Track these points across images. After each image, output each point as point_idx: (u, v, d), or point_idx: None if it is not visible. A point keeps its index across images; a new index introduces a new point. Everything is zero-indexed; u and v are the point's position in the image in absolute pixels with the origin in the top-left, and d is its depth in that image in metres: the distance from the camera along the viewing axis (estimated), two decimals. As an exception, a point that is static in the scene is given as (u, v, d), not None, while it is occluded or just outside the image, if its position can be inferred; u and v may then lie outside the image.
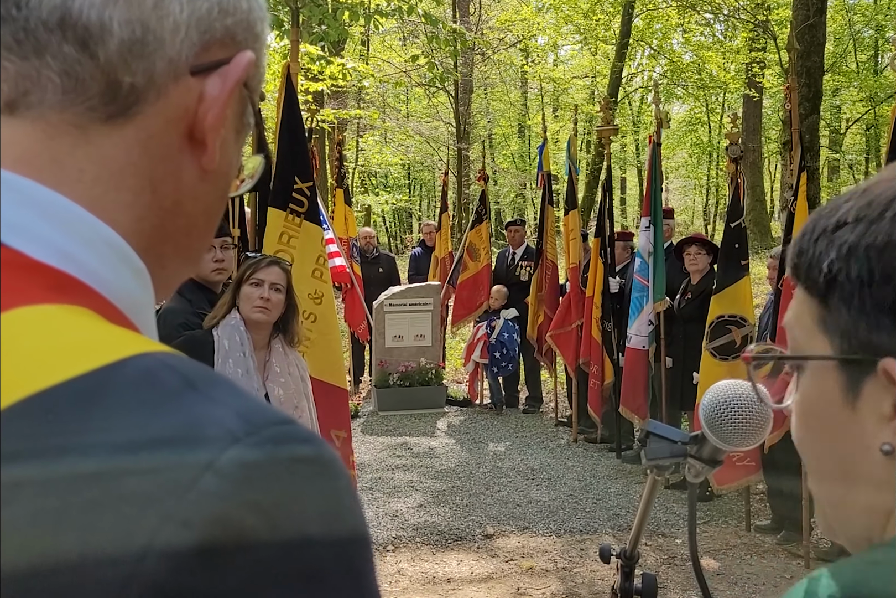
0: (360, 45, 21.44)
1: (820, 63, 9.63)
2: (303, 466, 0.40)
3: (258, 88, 0.56)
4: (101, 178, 0.48)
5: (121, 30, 0.46)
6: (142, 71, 0.48)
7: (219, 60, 0.51)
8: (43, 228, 0.45)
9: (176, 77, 0.49)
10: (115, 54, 0.47)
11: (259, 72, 0.56)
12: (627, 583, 1.34)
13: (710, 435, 1.00)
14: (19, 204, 0.45)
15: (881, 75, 19.76)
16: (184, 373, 0.41)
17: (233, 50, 0.52)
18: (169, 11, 0.48)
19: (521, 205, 28.35)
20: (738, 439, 1.01)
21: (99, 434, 0.37)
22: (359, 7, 7.91)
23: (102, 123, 0.48)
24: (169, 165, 0.50)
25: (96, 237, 0.48)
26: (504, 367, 8.06)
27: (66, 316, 0.43)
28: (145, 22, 0.47)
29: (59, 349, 0.40)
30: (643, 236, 6.17)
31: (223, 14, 0.51)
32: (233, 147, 0.55)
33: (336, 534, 0.40)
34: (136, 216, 0.50)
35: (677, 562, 4.74)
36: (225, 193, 0.56)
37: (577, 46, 23.77)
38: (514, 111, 27.71)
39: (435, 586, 4.41)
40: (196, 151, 0.51)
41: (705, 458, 1.05)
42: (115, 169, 0.48)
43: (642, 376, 6.14)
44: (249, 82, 0.54)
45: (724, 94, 23.06)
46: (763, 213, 19.57)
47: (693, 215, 30.00)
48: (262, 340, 3.03)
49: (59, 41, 0.46)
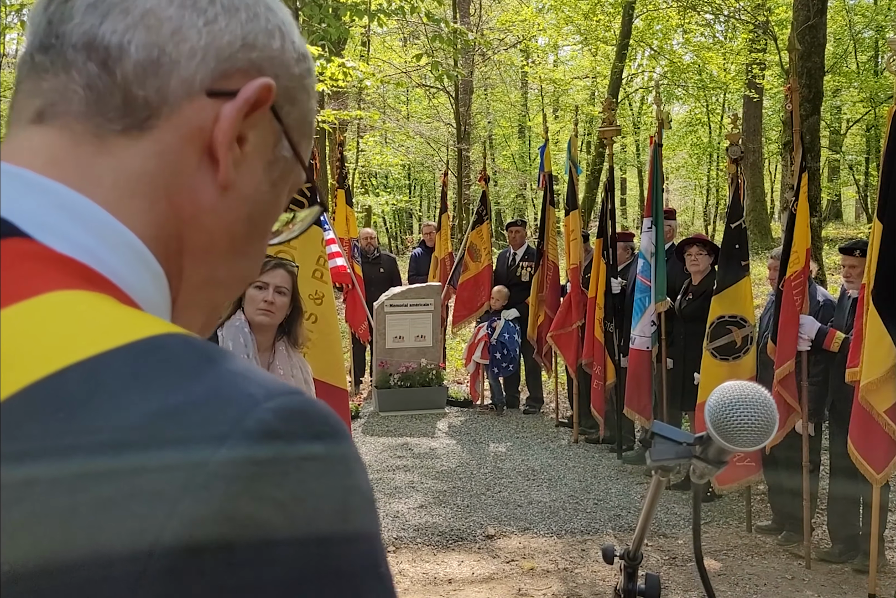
0: (361, 46, 21.45)
1: (821, 64, 9.62)
2: (318, 431, 0.43)
3: (298, 127, 0.60)
4: (118, 184, 0.52)
5: (137, 52, 0.52)
6: (155, 88, 0.53)
7: (235, 89, 0.55)
8: (68, 226, 0.49)
9: (189, 96, 0.54)
10: (131, 72, 0.52)
11: (297, 111, 0.60)
12: (631, 584, 1.34)
13: (716, 436, 1.00)
14: (48, 204, 0.50)
15: (881, 76, 19.74)
16: (204, 349, 0.45)
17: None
18: (186, 38, 0.53)
19: (521, 205, 28.36)
20: (744, 441, 1.01)
21: (131, 402, 0.40)
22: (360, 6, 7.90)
23: (120, 133, 0.53)
24: (186, 179, 0.54)
25: (118, 239, 0.51)
26: (505, 367, 8.06)
27: (94, 300, 0.46)
28: (162, 46, 0.53)
29: (91, 327, 0.44)
30: (645, 237, 6.17)
31: (247, 48, 0.56)
32: (261, 176, 0.58)
33: (352, 504, 0.43)
34: (151, 223, 0.53)
35: (678, 562, 4.74)
36: (251, 220, 0.59)
37: (578, 47, 23.79)
38: (514, 112, 27.72)
39: (436, 586, 4.41)
40: (214, 168, 0.55)
41: (710, 459, 1.05)
42: (131, 177, 0.53)
43: (646, 377, 6.14)
44: (284, 117, 0.58)
45: (725, 94, 23.07)
46: (763, 213, 19.57)
47: (693, 216, 30.01)
48: (266, 342, 3.03)
49: (84, 60, 0.52)
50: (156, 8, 0.53)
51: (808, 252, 4.68)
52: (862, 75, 20.37)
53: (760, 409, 0.99)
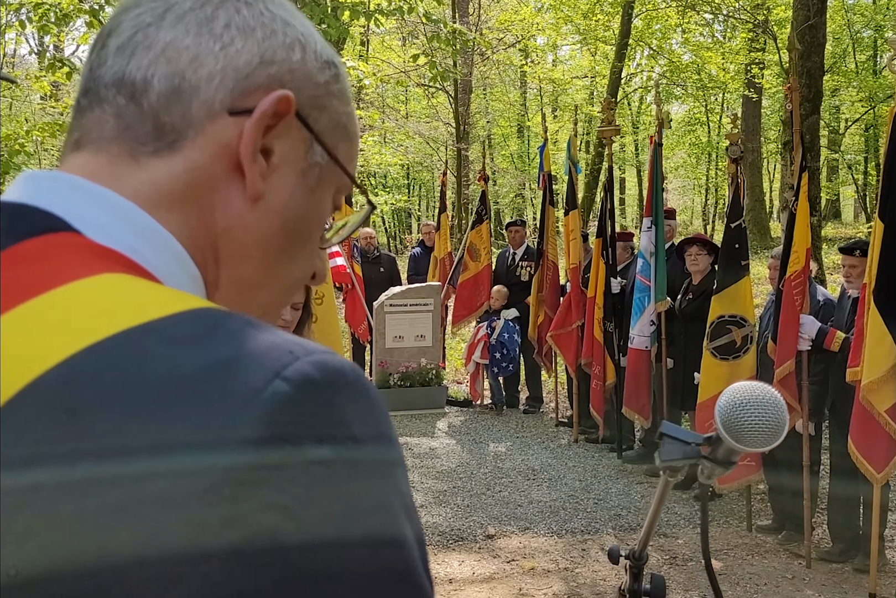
0: (360, 46, 21.43)
1: (820, 63, 9.63)
2: (349, 384, 0.46)
3: (331, 132, 0.62)
4: (153, 197, 0.56)
5: (160, 83, 0.57)
6: (179, 113, 0.57)
7: (256, 106, 0.58)
8: (113, 225, 0.54)
9: (211, 117, 0.57)
10: (157, 102, 0.57)
11: (326, 117, 0.62)
12: (636, 584, 1.34)
13: (726, 437, 1.00)
14: (94, 205, 0.55)
15: (880, 75, 19.76)
16: (247, 317, 0.49)
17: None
18: (204, 64, 0.57)
19: (520, 205, 28.35)
20: (755, 441, 1.01)
21: (176, 360, 0.44)
22: (359, 6, 7.90)
23: (151, 154, 0.57)
24: (216, 194, 0.58)
25: (159, 240, 0.55)
26: (504, 367, 8.06)
27: (138, 281, 0.51)
28: (182, 73, 0.57)
29: (137, 300, 0.48)
30: (645, 237, 6.18)
31: (265, 65, 0.58)
32: (294, 185, 0.61)
33: (381, 447, 0.46)
34: (185, 233, 0.57)
35: (679, 562, 4.74)
36: (287, 228, 0.61)
37: (577, 47, 23.79)
38: (513, 111, 27.70)
39: (437, 586, 4.41)
40: (243, 182, 0.58)
41: (719, 459, 1.05)
42: (164, 191, 0.57)
43: (645, 377, 6.14)
44: (312, 124, 0.61)
45: (724, 94, 23.07)
46: (762, 213, 19.58)
47: (692, 215, 30.02)
48: None
49: (114, 95, 0.58)
50: (174, 40, 0.57)
51: (809, 252, 4.69)
52: (861, 75, 20.38)
53: (771, 409, 0.99)
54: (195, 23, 0.58)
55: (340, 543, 0.41)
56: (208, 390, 0.42)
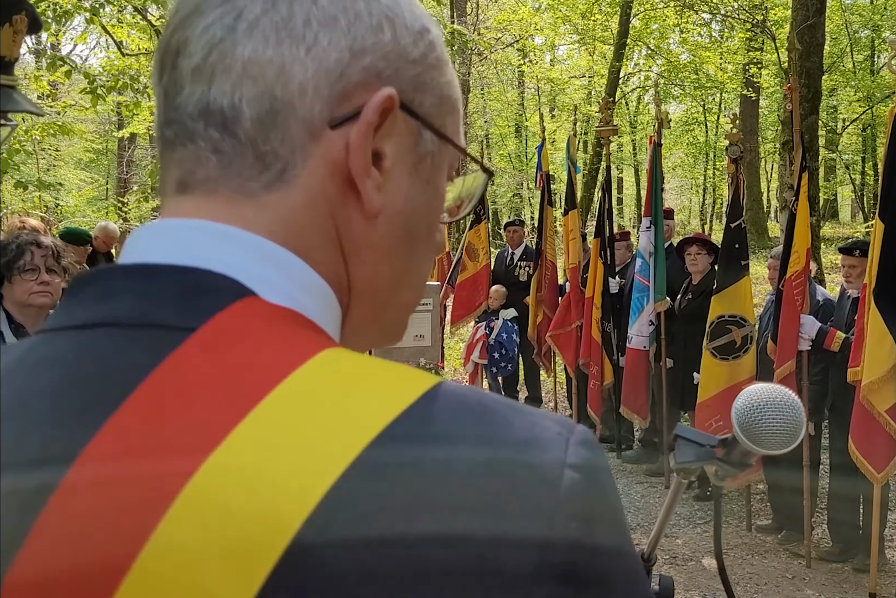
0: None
1: (819, 63, 9.63)
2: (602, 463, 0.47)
3: (438, 110, 0.56)
4: (289, 239, 0.51)
5: (249, 108, 0.50)
6: (279, 139, 0.51)
7: (357, 108, 0.52)
8: (277, 278, 0.50)
9: (313, 136, 0.51)
10: (251, 129, 0.51)
11: (430, 94, 0.55)
12: (645, 585, 1.34)
13: (743, 439, 1.00)
14: (251, 256, 0.50)
15: (878, 75, 19.79)
16: (480, 393, 0.47)
17: (378, 88, 0.52)
18: (292, 75, 0.50)
19: (518, 205, 28.35)
20: (772, 444, 1.01)
21: (474, 435, 0.44)
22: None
23: (265, 190, 0.51)
24: (340, 219, 0.53)
25: (314, 286, 0.52)
26: (503, 367, 8.05)
27: (347, 354, 0.48)
28: (271, 92, 0.50)
29: (380, 383, 0.46)
30: (644, 237, 6.17)
31: (357, 57, 0.52)
32: (408, 184, 0.55)
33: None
34: (326, 270, 0.53)
35: (679, 562, 4.74)
36: (410, 230, 0.56)
37: (575, 46, 23.80)
38: (511, 111, 27.69)
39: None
40: (358, 197, 0.53)
41: (734, 461, 1.05)
42: (295, 230, 0.51)
43: (643, 377, 6.14)
44: (417, 109, 0.54)
45: (722, 94, 23.08)
46: (760, 213, 19.60)
47: (690, 215, 30.04)
48: None
49: (203, 127, 0.51)
50: (254, 55, 0.50)
51: (809, 252, 4.69)
52: (858, 75, 20.40)
53: (789, 412, 0.99)
54: (272, 28, 0.51)
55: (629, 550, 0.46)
56: (517, 492, 0.42)
